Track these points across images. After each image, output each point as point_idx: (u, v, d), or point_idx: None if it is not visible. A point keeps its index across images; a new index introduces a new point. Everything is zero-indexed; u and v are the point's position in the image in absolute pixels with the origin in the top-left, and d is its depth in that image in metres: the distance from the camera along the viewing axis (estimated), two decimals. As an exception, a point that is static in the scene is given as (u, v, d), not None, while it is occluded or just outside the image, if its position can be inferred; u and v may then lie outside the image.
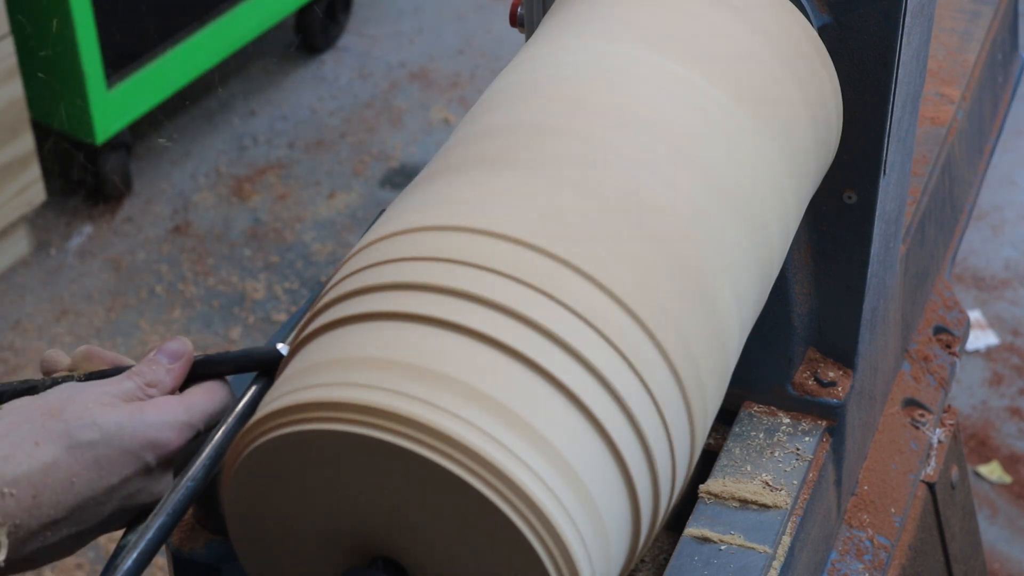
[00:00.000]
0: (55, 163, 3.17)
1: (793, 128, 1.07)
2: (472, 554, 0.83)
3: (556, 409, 0.83)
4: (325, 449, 0.83)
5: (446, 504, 0.81)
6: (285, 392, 0.86)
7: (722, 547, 1.13)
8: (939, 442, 1.46)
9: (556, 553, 0.82)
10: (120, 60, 3.06)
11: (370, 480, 0.83)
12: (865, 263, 1.23)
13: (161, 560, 1.98)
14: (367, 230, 0.96)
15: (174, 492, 0.97)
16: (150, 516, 0.96)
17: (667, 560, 1.13)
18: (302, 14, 3.61)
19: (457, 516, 0.82)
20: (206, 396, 1.03)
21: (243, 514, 0.89)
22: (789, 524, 1.16)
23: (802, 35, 1.11)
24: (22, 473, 0.92)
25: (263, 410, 0.85)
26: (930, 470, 1.43)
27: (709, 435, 1.17)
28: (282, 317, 2.95)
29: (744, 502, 1.16)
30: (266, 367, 1.04)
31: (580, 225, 0.90)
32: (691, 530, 1.14)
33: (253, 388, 1.04)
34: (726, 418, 1.24)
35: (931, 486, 1.43)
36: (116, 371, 1.04)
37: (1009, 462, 2.70)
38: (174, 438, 0.99)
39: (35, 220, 3.15)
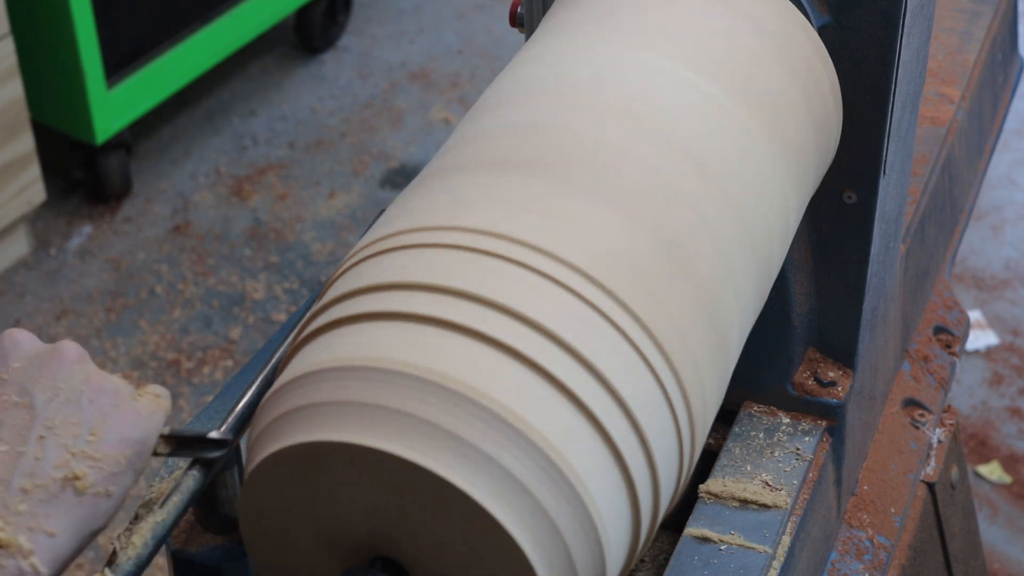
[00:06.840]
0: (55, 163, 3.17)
1: (793, 128, 1.07)
2: (470, 555, 0.83)
3: (555, 409, 0.83)
4: (328, 457, 0.83)
5: (444, 506, 0.81)
6: (289, 396, 0.86)
7: (722, 547, 1.13)
8: (939, 442, 1.45)
9: (550, 556, 0.82)
10: (120, 60, 3.06)
11: (371, 484, 0.83)
12: (865, 263, 1.23)
13: (161, 560, 1.98)
14: (367, 230, 0.96)
15: (174, 493, 0.97)
16: (150, 515, 0.96)
17: (667, 560, 1.13)
18: (302, 14, 3.60)
19: (454, 518, 0.82)
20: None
21: (254, 515, 0.89)
22: (789, 524, 1.16)
23: (802, 35, 1.11)
24: None
25: (271, 430, 0.86)
26: (930, 470, 1.43)
27: (709, 435, 1.17)
28: (282, 317, 2.95)
29: (744, 502, 1.16)
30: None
31: (579, 225, 0.90)
32: (691, 530, 1.14)
33: (250, 392, 1.04)
34: (726, 418, 1.24)
35: (931, 486, 1.43)
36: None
37: (1009, 462, 2.70)
38: None
39: (35, 220, 3.15)
